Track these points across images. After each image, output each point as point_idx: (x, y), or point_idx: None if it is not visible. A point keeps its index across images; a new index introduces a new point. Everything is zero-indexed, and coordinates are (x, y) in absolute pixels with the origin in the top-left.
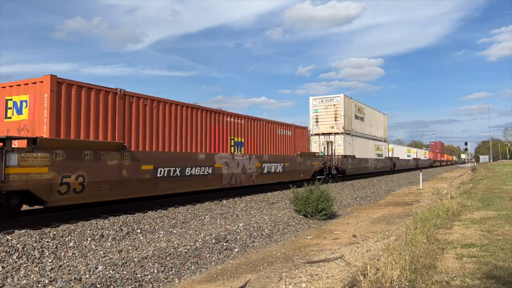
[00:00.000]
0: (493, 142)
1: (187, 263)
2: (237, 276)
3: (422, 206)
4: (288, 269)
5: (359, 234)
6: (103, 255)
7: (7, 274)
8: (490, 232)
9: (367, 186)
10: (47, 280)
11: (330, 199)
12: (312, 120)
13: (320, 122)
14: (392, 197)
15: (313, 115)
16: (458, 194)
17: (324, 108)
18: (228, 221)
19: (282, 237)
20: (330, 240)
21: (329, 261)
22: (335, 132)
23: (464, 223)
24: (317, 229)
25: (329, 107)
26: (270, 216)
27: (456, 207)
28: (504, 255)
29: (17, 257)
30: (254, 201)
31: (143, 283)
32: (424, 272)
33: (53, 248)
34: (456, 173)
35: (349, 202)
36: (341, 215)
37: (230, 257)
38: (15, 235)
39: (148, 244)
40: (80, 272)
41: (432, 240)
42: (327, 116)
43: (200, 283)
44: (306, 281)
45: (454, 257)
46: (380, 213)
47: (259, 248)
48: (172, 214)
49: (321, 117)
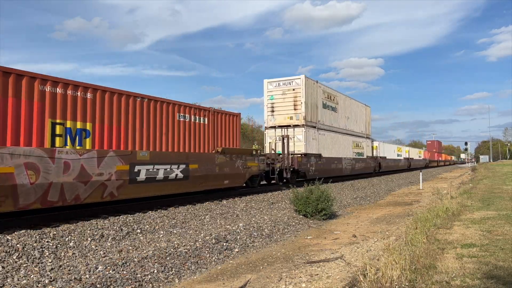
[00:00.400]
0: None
1: (187, 263)
2: (237, 276)
3: (422, 206)
4: (288, 269)
5: (359, 234)
6: (103, 255)
7: (7, 274)
8: (490, 232)
9: (367, 186)
10: (47, 280)
11: (330, 199)
12: (267, 109)
13: (277, 111)
14: (392, 197)
15: (268, 103)
16: (458, 194)
17: (282, 94)
18: (228, 221)
19: (282, 237)
20: (330, 240)
21: (329, 261)
22: (294, 124)
23: (464, 223)
24: (317, 229)
25: (288, 93)
26: (270, 216)
27: (456, 207)
28: (504, 255)
29: (17, 257)
30: (254, 201)
31: (143, 283)
32: (424, 272)
33: (53, 248)
34: (456, 173)
35: (349, 202)
36: (341, 215)
37: (230, 257)
38: (15, 235)
39: (148, 244)
40: (80, 272)
41: (432, 240)
42: (285, 103)
43: (200, 283)
44: (306, 281)
45: (454, 257)
46: (380, 213)
47: (259, 248)
48: (172, 214)
49: (277, 105)
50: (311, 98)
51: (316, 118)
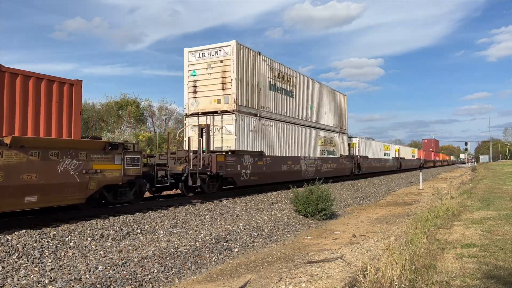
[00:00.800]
0: (493, 142)
1: (187, 263)
2: (237, 276)
3: (422, 206)
4: (288, 269)
5: (359, 234)
6: (103, 255)
7: (7, 274)
8: (490, 232)
9: (367, 186)
10: (47, 280)
11: (330, 199)
12: (188, 90)
13: (201, 92)
14: (392, 197)
15: (190, 81)
16: (458, 194)
17: (207, 68)
18: (228, 221)
19: (282, 237)
20: (330, 240)
21: (329, 261)
22: (223, 110)
23: (464, 223)
24: (317, 229)
25: (214, 66)
26: (270, 216)
27: (456, 207)
28: (504, 255)
29: (17, 257)
30: (254, 201)
31: (143, 283)
32: (424, 272)
33: (53, 248)
34: (456, 173)
35: (349, 202)
36: (341, 215)
37: (230, 257)
38: (15, 235)
39: (148, 244)
40: (80, 272)
41: (432, 240)
42: (211, 81)
43: (200, 283)
44: (306, 281)
45: (454, 257)
46: (380, 213)
47: (259, 248)
48: (172, 214)
49: (201, 83)
50: (249, 75)
51: (257, 103)
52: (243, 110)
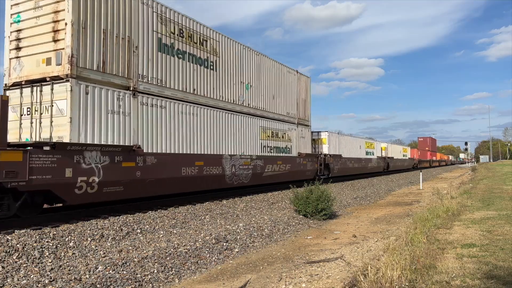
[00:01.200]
0: (493, 142)
1: (187, 263)
2: (237, 276)
3: (422, 206)
4: (288, 269)
5: (359, 234)
6: (103, 255)
7: (7, 274)
8: (490, 232)
9: (367, 186)
10: (47, 280)
11: (330, 199)
12: (10, 46)
13: (26, 49)
14: (392, 197)
15: (12, 31)
16: (458, 194)
17: (34, 10)
18: (228, 221)
19: (282, 237)
20: (330, 240)
21: (329, 261)
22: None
23: (464, 223)
24: (317, 229)
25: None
26: (270, 216)
27: (456, 207)
28: (504, 255)
29: (17, 257)
30: (254, 201)
31: (143, 283)
32: (424, 272)
33: (53, 248)
34: (456, 173)
35: (349, 202)
36: (341, 215)
37: (230, 257)
38: (15, 235)
39: (148, 244)
40: (80, 272)
41: (432, 240)
42: (40, 29)
43: (200, 283)
44: (306, 281)
45: (454, 257)
46: (380, 213)
47: (259, 248)
48: (172, 214)
49: (27, 33)
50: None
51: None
52: (92, 77)
